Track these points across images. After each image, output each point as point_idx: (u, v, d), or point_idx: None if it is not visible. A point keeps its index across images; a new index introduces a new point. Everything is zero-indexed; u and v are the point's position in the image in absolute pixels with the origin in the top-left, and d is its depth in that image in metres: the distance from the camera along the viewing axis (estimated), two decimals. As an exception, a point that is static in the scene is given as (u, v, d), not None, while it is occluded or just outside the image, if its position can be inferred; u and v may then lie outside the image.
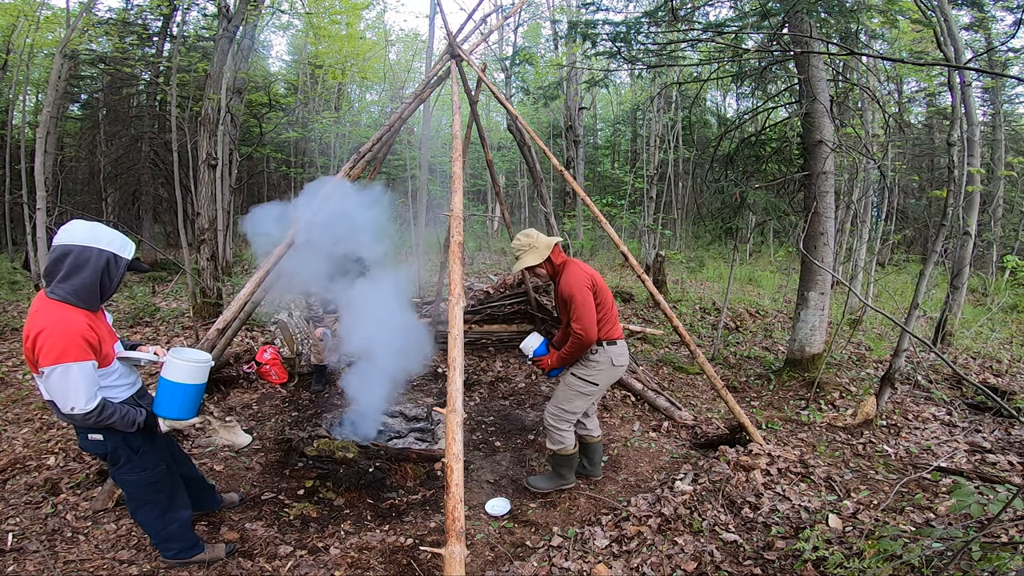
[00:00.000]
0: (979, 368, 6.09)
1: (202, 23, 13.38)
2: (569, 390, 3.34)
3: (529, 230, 3.35)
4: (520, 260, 3.30)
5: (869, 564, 2.38)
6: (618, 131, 21.35)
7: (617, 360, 3.30)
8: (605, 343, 3.27)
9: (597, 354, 3.28)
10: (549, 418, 3.40)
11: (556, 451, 3.42)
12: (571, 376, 3.34)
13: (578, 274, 3.19)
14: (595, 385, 3.31)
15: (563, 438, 3.37)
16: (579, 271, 3.22)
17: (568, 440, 3.38)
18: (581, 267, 3.27)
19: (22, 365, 5.57)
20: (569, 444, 3.39)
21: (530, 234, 3.31)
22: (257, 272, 3.70)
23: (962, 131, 5.11)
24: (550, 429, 3.40)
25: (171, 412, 2.48)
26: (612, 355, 3.28)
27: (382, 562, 2.86)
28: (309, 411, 4.75)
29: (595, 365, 3.28)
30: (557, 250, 3.31)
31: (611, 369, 3.31)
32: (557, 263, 3.29)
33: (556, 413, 3.37)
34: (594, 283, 3.22)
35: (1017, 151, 13.35)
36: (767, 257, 15.49)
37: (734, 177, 6.29)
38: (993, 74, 13.45)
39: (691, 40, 6.06)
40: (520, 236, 3.34)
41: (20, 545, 2.80)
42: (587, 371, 3.30)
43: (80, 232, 2.23)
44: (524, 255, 3.28)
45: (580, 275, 3.18)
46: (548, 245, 3.26)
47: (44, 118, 6.69)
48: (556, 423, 3.36)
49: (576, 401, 3.33)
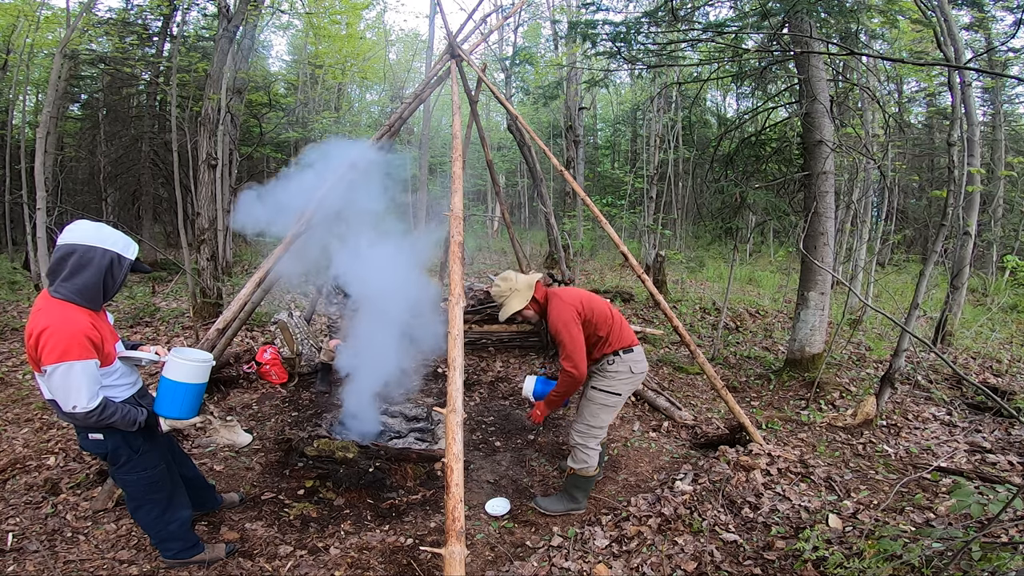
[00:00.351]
0: (979, 368, 6.09)
1: (202, 23, 13.38)
2: (593, 405, 3.24)
3: (506, 273, 3.23)
4: (504, 307, 3.15)
5: (869, 564, 2.38)
6: (618, 131, 21.36)
7: (636, 367, 3.22)
8: (621, 351, 3.18)
9: (615, 364, 3.18)
10: (576, 436, 3.27)
11: (578, 471, 3.28)
12: (592, 390, 3.24)
13: (562, 308, 3.05)
14: (618, 395, 3.21)
15: (588, 457, 3.24)
16: (563, 305, 3.07)
17: (593, 460, 3.26)
18: (566, 298, 3.12)
19: (22, 365, 5.57)
20: (592, 464, 3.26)
21: (507, 278, 3.19)
22: (257, 272, 3.70)
23: (962, 131, 5.11)
24: (576, 448, 3.27)
25: (172, 412, 2.48)
26: (630, 363, 3.19)
27: (382, 562, 2.86)
28: (309, 411, 4.75)
29: (615, 375, 3.19)
30: (539, 287, 3.19)
31: (631, 377, 3.22)
32: (542, 300, 3.18)
33: (583, 431, 3.25)
34: (582, 310, 3.10)
35: (1017, 151, 13.35)
36: (767, 257, 15.49)
37: (734, 177, 6.29)
38: (993, 74, 13.45)
39: (691, 40, 6.06)
40: (498, 282, 3.20)
41: (20, 545, 2.80)
42: (608, 382, 3.20)
43: (84, 232, 2.24)
44: (507, 301, 3.14)
45: (565, 309, 3.05)
46: (529, 285, 3.14)
47: (44, 118, 6.68)
48: (584, 440, 3.24)
49: (602, 415, 3.23)
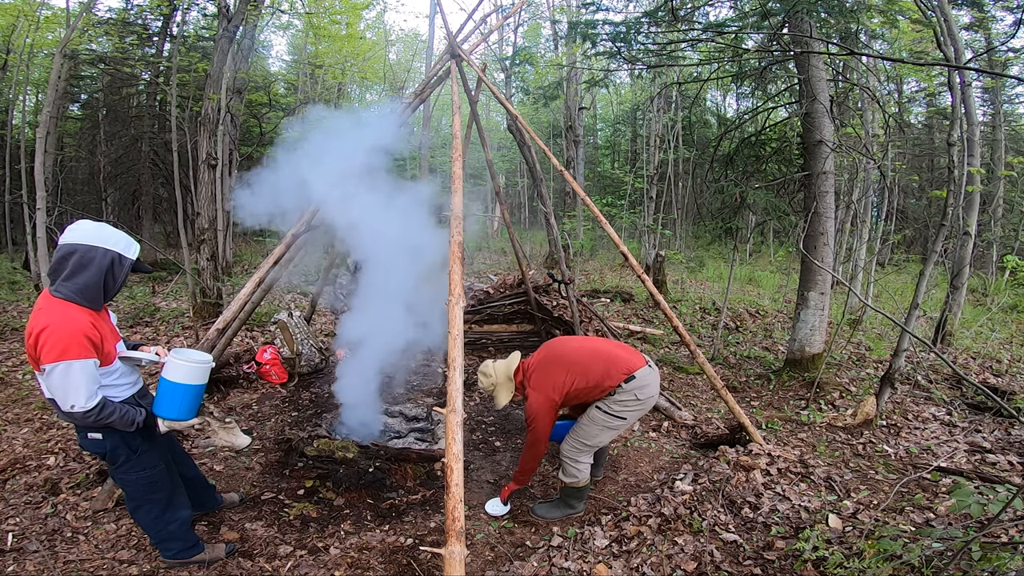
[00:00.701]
0: (979, 368, 6.09)
1: (202, 23, 13.38)
2: (594, 425, 3.14)
3: (485, 366, 3.27)
4: (496, 399, 3.24)
5: (869, 564, 2.38)
6: (618, 131, 21.38)
7: (641, 394, 3.09)
8: (623, 383, 3.06)
9: (618, 394, 3.08)
10: (568, 451, 3.20)
11: (568, 484, 3.23)
12: (596, 410, 3.13)
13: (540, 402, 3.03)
14: (623, 420, 3.13)
15: (578, 471, 3.19)
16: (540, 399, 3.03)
17: (584, 474, 3.20)
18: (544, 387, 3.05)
19: (22, 365, 5.57)
20: (584, 478, 3.21)
21: (487, 373, 3.24)
22: (257, 272, 3.70)
23: (962, 131, 5.11)
24: (566, 461, 3.20)
25: (171, 412, 2.48)
26: (635, 391, 3.07)
27: (382, 562, 2.86)
28: (309, 411, 4.75)
29: (621, 402, 3.10)
30: (518, 372, 3.23)
31: (638, 403, 3.11)
32: (519, 383, 3.22)
33: (577, 446, 3.18)
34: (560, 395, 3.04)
35: (1017, 151, 13.36)
36: (767, 257, 15.49)
37: (734, 177, 6.29)
38: (993, 74, 13.46)
39: (691, 40, 6.06)
40: (480, 378, 3.28)
41: (20, 545, 2.80)
42: (614, 407, 3.10)
43: (86, 231, 2.25)
44: (496, 394, 3.23)
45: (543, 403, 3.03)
46: (508, 376, 3.20)
47: (44, 118, 6.67)
48: (574, 456, 3.18)
49: (601, 436, 3.16)
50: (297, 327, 5.46)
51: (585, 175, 15.56)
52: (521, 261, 6.34)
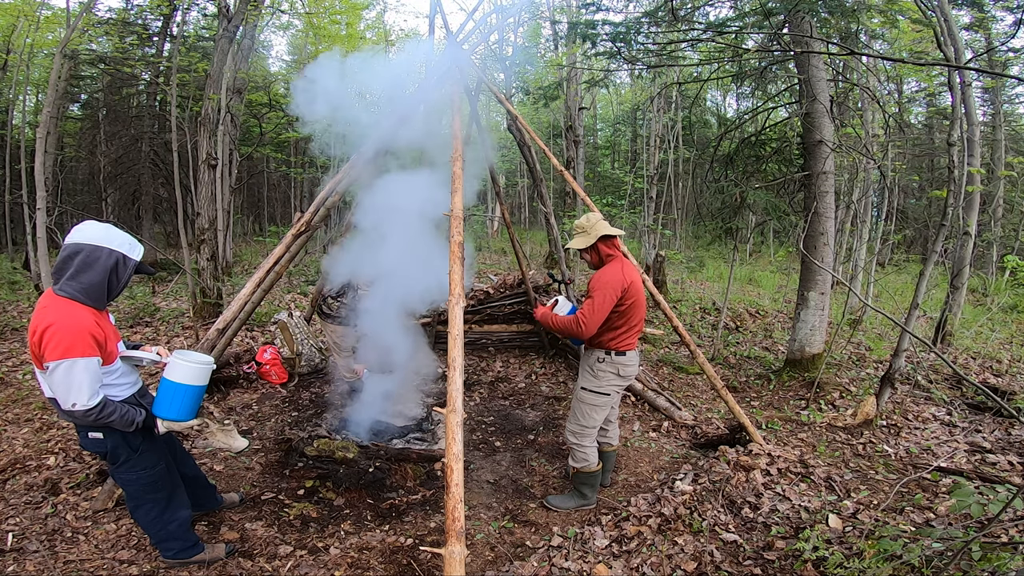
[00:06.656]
0: (979, 368, 6.09)
1: (202, 23, 13.39)
2: (583, 405, 3.31)
3: (592, 215, 3.28)
4: (572, 240, 3.27)
5: (869, 564, 2.38)
6: (618, 131, 21.37)
7: (623, 371, 3.26)
8: (613, 353, 3.20)
9: (604, 363, 3.22)
10: (570, 436, 3.37)
11: (580, 468, 3.37)
12: (581, 391, 3.33)
13: (612, 275, 3.10)
14: (606, 395, 3.28)
15: (587, 455, 3.33)
16: (615, 274, 3.11)
17: (592, 457, 3.34)
18: (620, 271, 3.13)
19: (22, 365, 5.57)
20: (593, 461, 3.35)
21: (590, 219, 3.25)
22: (257, 272, 3.70)
23: (962, 131, 5.11)
24: (573, 447, 3.37)
25: (170, 413, 2.48)
26: (619, 366, 3.23)
27: (382, 562, 2.86)
28: (309, 411, 4.75)
29: (603, 375, 3.25)
30: (608, 244, 3.23)
31: (618, 379, 3.27)
32: (604, 255, 3.23)
33: (576, 430, 3.34)
34: (628, 290, 3.11)
35: (1017, 151, 13.36)
36: (767, 257, 15.49)
37: (734, 177, 6.29)
38: (993, 74, 13.44)
39: (691, 40, 6.06)
40: (582, 219, 3.28)
41: (20, 545, 2.80)
42: (596, 382, 3.26)
43: (92, 232, 2.29)
44: (575, 237, 3.25)
45: (613, 278, 3.09)
46: (596, 235, 3.19)
47: (44, 118, 6.67)
48: (578, 440, 3.33)
49: (593, 414, 3.31)
50: (297, 327, 5.46)
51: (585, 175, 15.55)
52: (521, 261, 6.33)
